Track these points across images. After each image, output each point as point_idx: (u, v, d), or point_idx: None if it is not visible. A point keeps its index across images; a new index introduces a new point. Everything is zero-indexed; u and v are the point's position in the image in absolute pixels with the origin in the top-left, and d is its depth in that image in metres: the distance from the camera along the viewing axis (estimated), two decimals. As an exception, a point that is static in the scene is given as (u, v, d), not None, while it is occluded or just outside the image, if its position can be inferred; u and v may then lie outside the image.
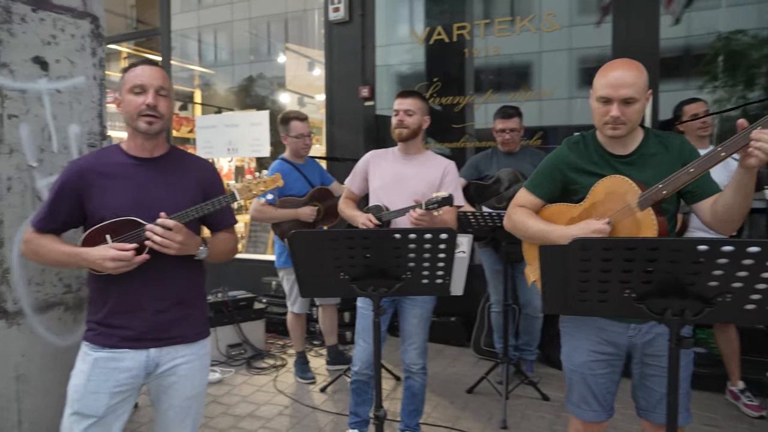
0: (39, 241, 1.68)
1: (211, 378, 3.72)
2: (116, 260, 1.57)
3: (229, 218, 1.90)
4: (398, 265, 1.75)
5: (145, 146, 1.71)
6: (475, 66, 4.56)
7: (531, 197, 1.94)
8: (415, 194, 2.60)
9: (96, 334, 1.69)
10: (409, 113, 2.61)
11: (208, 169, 1.86)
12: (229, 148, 5.68)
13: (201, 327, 1.83)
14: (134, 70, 1.68)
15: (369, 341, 2.63)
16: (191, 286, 1.80)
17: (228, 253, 1.87)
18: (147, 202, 1.66)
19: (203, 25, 7.05)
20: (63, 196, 1.67)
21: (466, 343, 4.35)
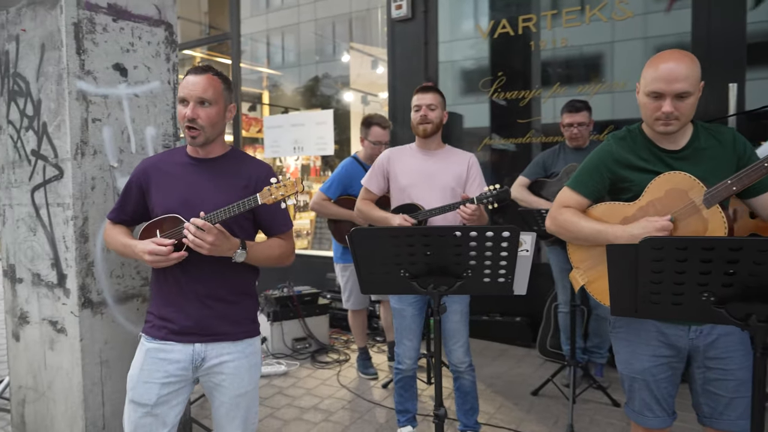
0: (110, 231, 1.83)
1: (277, 370, 3.84)
2: (153, 254, 1.64)
3: (281, 224, 1.87)
4: (459, 263, 1.73)
5: (198, 151, 1.78)
6: (541, 59, 4.42)
7: (576, 196, 1.84)
8: (444, 189, 2.56)
9: (150, 326, 1.78)
10: (432, 108, 2.57)
11: (263, 172, 1.82)
12: (295, 147, 5.83)
13: (247, 326, 1.84)
14: (184, 79, 1.73)
15: (413, 339, 2.64)
16: (235, 285, 1.81)
17: (275, 259, 1.85)
18: (193, 201, 1.71)
19: (271, 28, 7.25)
20: (131, 189, 1.79)
21: (531, 344, 4.24)
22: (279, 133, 5.96)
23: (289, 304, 4.26)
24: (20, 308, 2.35)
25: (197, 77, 1.70)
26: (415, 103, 2.59)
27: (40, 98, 2.14)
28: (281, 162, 7.91)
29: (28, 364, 2.33)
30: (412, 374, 2.71)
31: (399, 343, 2.67)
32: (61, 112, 2.06)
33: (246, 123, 7.30)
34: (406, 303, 2.59)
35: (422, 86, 2.64)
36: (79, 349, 2.10)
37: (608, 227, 1.72)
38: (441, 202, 2.52)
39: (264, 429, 3.02)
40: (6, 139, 2.34)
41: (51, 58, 2.07)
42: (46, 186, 2.17)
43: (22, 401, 2.40)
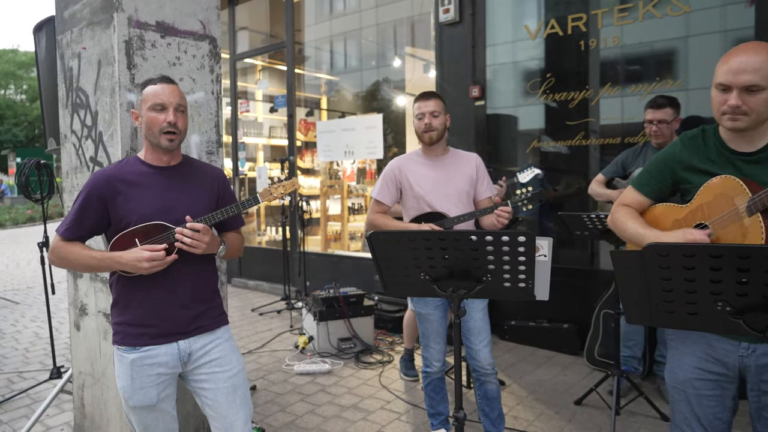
0: (67, 248, 1.78)
1: (321, 368, 3.95)
2: (151, 260, 1.70)
3: (239, 221, 2.02)
4: (478, 267, 1.74)
5: (162, 158, 1.85)
6: (592, 59, 4.30)
7: (638, 196, 1.81)
8: (459, 194, 2.57)
9: (124, 336, 1.82)
10: (435, 114, 2.55)
11: (220, 175, 1.98)
12: (345, 151, 5.96)
13: (219, 317, 1.95)
14: (153, 87, 1.79)
15: (440, 341, 2.63)
16: (208, 282, 1.93)
17: (237, 251, 2.01)
18: (169, 207, 1.80)
19: (330, 35, 7.45)
20: (90, 203, 1.77)
21: (579, 352, 4.13)
22: (331, 138, 6.11)
23: (335, 304, 4.37)
24: (80, 301, 2.56)
25: (170, 86, 1.81)
26: (418, 111, 2.58)
27: (97, 110, 2.34)
28: (338, 166, 8.10)
29: (87, 352, 2.55)
30: (441, 376, 2.72)
31: (426, 347, 2.67)
32: (113, 122, 2.24)
33: (304, 128, 7.52)
34: (432, 306, 2.60)
35: (423, 93, 2.61)
36: (128, 341, 2.27)
37: (647, 232, 1.68)
38: (457, 207, 2.54)
39: (304, 425, 3.13)
40: (70, 146, 2.57)
41: (106, 73, 2.26)
42: (102, 190, 2.37)
43: (81, 386, 2.62)
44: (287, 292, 5.91)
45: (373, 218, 2.71)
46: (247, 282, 7.15)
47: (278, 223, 7.90)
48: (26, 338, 5.18)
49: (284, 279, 6.01)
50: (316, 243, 7.03)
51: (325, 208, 7.13)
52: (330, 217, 7.26)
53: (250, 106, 8.30)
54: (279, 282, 6.37)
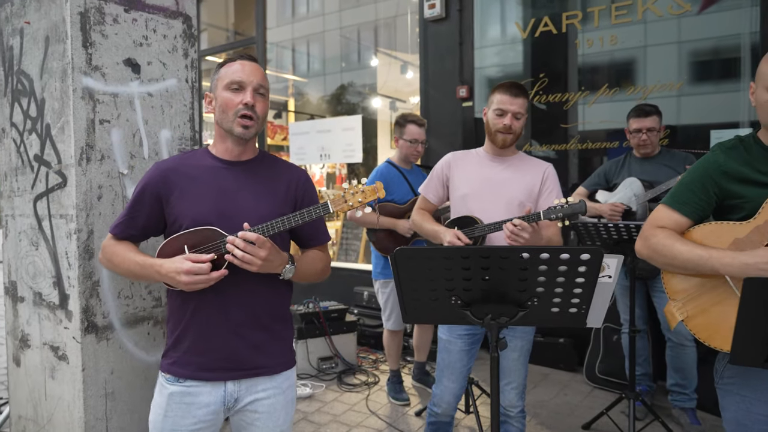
0: (115, 249, 1.54)
1: (302, 393, 3.57)
2: (191, 274, 1.39)
3: (322, 234, 1.68)
4: (524, 289, 1.43)
5: (234, 150, 1.55)
6: (587, 59, 4.09)
7: (674, 215, 1.54)
8: (510, 202, 2.18)
9: (171, 362, 1.52)
10: (518, 117, 2.17)
11: (302, 176, 1.65)
12: (321, 154, 5.60)
13: (285, 356, 1.61)
14: (233, 65, 1.51)
15: (455, 380, 2.25)
16: (275, 308, 1.58)
17: (318, 274, 1.66)
18: (230, 209, 1.48)
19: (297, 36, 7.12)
20: (144, 198, 1.52)
21: (577, 368, 3.89)
22: (305, 140, 5.74)
23: (315, 320, 4.00)
24: (21, 330, 2.12)
25: (251, 64, 1.52)
26: (499, 107, 2.16)
27: (43, 97, 1.92)
28: (306, 169, 7.73)
29: (28, 392, 2.10)
30: (449, 420, 2.34)
31: (438, 382, 2.29)
32: (65, 112, 1.83)
33: (271, 130, 7.14)
34: (455, 334, 2.22)
35: (510, 85, 2.16)
36: (81, 380, 1.85)
37: (714, 252, 1.40)
38: (502, 216, 2.13)
39: (287, 462, 2.75)
40: (9, 143, 2.13)
41: (55, 53, 1.85)
42: (49, 195, 1.94)
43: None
44: (258, 305, 5.48)
45: (413, 214, 2.42)
46: (212, 294, 6.66)
47: (245, 231, 7.47)
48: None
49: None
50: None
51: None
52: (300, 224, 6.87)
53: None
54: (248, 294, 5.92)
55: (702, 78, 3.69)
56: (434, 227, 2.28)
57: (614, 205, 3.03)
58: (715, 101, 3.63)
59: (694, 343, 2.93)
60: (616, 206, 3.02)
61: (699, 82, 3.69)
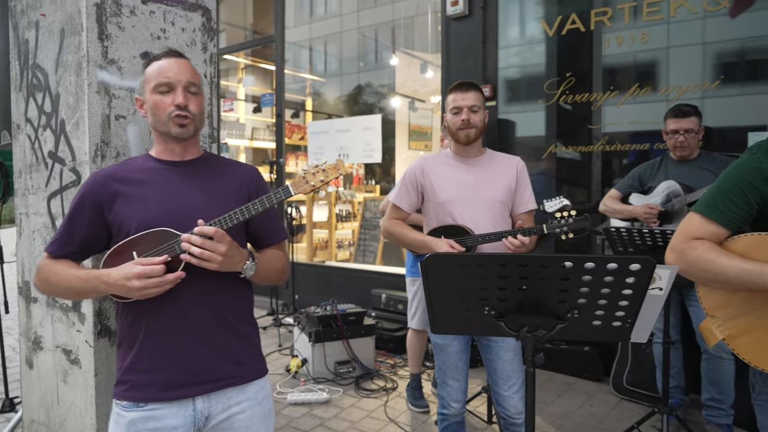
0: (51, 268, 1.39)
1: (319, 398, 3.49)
2: (143, 278, 1.26)
3: (279, 231, 1.58)
4: (564, 300, 1.33)
5: (176, 150, 1.46)
6: (617, 58, 3.95)
7: (710, 226, 1.41)
8: (491, 204, 2.17)
9: (126, 388, 1.37)
10: (474, 110, 2.18)
11: (253, 172, 1.56)
12: (340, 154, 5.52)
13: (255, 363, 1.49)
14: (157, 64, 1.41)
15: (459, 378, 2.23)
16: (240, 309, 1.47)
17: (277, 274, 1.55)
18: (180, 208, 1.37)
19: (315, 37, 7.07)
20: (82, 209, 1.39)
21: (603, 378, 3.75)
22: (324, 140, 5.66)
23: (333, 323, 3.91)
24: (34, 331, 2.06)
25: (177, 60, 1.42)
26: (454, 105, 2.20)
27: (58, 92, 1.86)
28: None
29: (41, 396, 2.04)
30: (460, 419, 2.29)
31: (443, 384, 2.25)
32: (80, 108, 1.76)
33: (289, 130, 7.10)
34: (450, 337, 2.19)
35: (460, 83, 2.22)
36: (93, 385, 1.78)
37: (765, 267, 1.28)
38: (487, 219, 2.16)
39: (304, 471, 2.67)
40: (24, 139, 2.08)
41: (70, 45, 1.79)
42: (63, 193, 1.88)
43: (35, 436, 2.12)
44: (274, 306, 5.42)
45: (388, 225, 2.32)
46: (228, 294, 6.61)
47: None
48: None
49: (270, 292, 5.52)
50: (300, 251, 6.57)
51: (311, 214, 6.67)
52: (316, 224, 6.82)
53: (233, 105, 7.82)
54: (264, 294, 5.87)
55: (737, 78, 3.53)
56: (420, 237, 2.21)
57: (649, 207, 2.89)
58: (751, 102, 3.46)
59: (732, 356, 2.77)
60: (651, 208, 2.88)
61: (734, 83, 3.53)
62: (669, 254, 1.48)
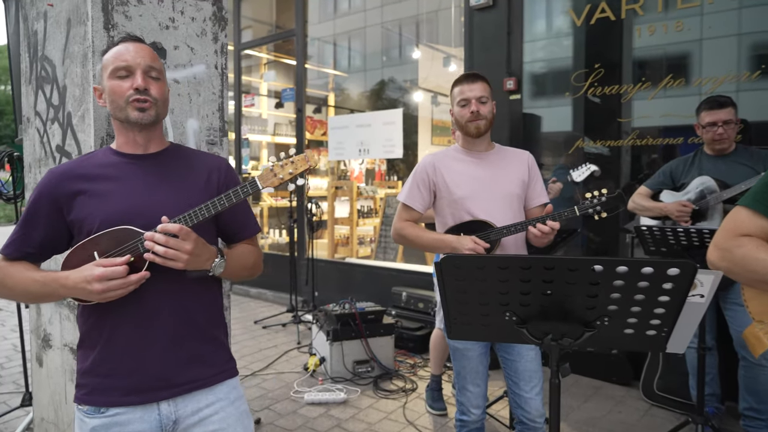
0: (7, 270, 1.30)
1: (336, 398, 3.42)
2: (104, 280, 1.19)
3: (251, 225, 1.50)
4: (593, 307, 1.22)
5: (138, 140, 1.36)
6: (649, 48, 3.77)
7: (761, 221, 1.28)
8: (508, 197, 2.10)
9: (87, 392, 1.30)
10: (483, 100, 2.11)
11: (222, 163, 1.47)
12: (360, 149, 5.43)
13: (224, 364, 1.43)
14: (114, 49, 1.34)
15: (480, 383, 2.14)
16: (207, 310, 1.40)
17: (249, 269, 1.47)
18: (144, 205, 1.29)
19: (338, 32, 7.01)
20: (39, 208, 1.31)
21: (632, 383, 3.59)
22: (344, 135, 5.59)
23: (351, 322, 3.84)
24: (43, 329, 2.03)
25: (135, 44, 1.34)
26: (461, 97, 2.13)
27: (65, 84, 1.81)
28: (345, 165, 7.61)
29: (50, 395, 2.01)
30: (480, 425, 2.19)
31: (462, 390, 2.16)
32: (85, 100, 1.71)
33: (311, 125, 7.05)
34: (470, 341, 2.10)
35: (466, 74, 2.17)
36: (99, 387, 1.73)
37: None
38: (506, 213, 2.09)
39: (319, 474, 2.60)
40: (33, 133, 2.04)
41: (76, 36, 1.73)
42: (70, 188, 1.83)
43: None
44: (294, 302, 5.38)
45: (401, 227, 2.22)
46: (248, 290, 6.61)
47: (283, 226, 7.38)
48: (3, 352, 4.64)
49: (290, 288, 5.48)
50: (322, 247, 6.52)
51: (333, 210, 6.61)
52: (337, 220, 6.76)
53: (255, 101, 7.80)
54: (284, 291, 5.84)
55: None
56: (439, 237, 2.12)
57: (682, 204, 2.73)
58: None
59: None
60: (684, 205, 2.72)
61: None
62: (712, 252, 1.35)
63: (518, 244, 2.14)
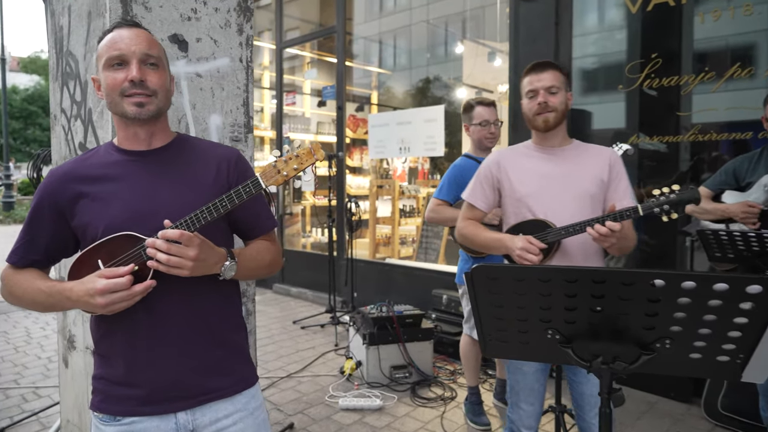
0: (15, 278, 1.26)
1: (372, 404, 3.30)
2: (107, 293, 1.11)
3: (265, 219, 1.39)
4: (652, 327, 1.04)
5: (140, 135, 1.26)
6: (711, 36, 3.46)
7: None
8: (581, 197, 1.87)
9: (102, 399, 1.25)
10: (552, 90, 1.90)
11: (232, 155, 1.35)
12: (401, 147, 5.30)
13: (244, 372, 1.34)
14: (108, 36, 1.24)
15: (534, 402, 1.96)
16: (226, 315, 1.31)
17: (266, 268, 1.36)
18: (148, 207, 1.20)
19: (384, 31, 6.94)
20: (42, 213, 1.24)
21: (692, 399, 3.30)
22: (384, 132, 5.46)
23: (388, 325, 3.71)
24: (69, 330, 2.00)
25: (130, 30, 1.22)
26: (529, 88, 1.94)
27: (86, 79, 1.76)
28: (388, 164, 7.50)
29: (75, 397, 1.98)
30: None
31: (514, 406, 1.99)
32: (104, 95, 1.64)
33: (353, 123, 6.97)
34: None
35: (536, 63, 1.97)
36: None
37: None
38: (574, 214, 1.85)
39: (350, 487, 2.48)
40: (59, 130, 2.01)
41: (96, 28, 1.67)
42: (91, 187, 1.78)
43: (71, 438, 2.06)
44: (332, 303, 5.30)
45: (462, 226, 2.08)
46: (289, 289, 6.60)
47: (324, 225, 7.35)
48: (52, 345, 4.77)
49: (329, 288, 5.41)
50: (363, 246, 6.42)
51: (374, 209, 6.51)
52: (379, 219, 6.65)
53: (297, 100, 7.80)
54: (323, 291, 5.77)
55: None
56: (495, 236, 1.95)
57: (748, 205, 2.46)
58: None
59: None
60: (751, 206, 2.45)
61: None
62: None
63: (588, 251, 1.90)
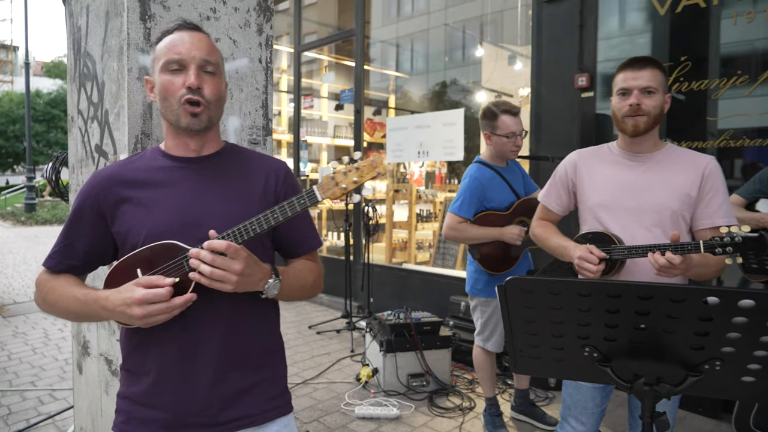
0: (51, 284, 1.20)
1: (389, 413, 3.23)
2: (144, 303, 1.05)
3: (311, 238, 1.33)
4: (701, 347, 0.96)
5: (190, 145, 1.22)
6: (743, 38, 3.35)
7: None
8: (659, 212, 1.69)
9: (125, 420, 1.18)
10: (649, 91, 1.69)
11: (281, 168, 1.30)
12: (419, 151, 5.23)
13: (277, 399, 1.26)
14: (168, 38, 1.20)
15: (586, 421, 1.82)
16: (264, 337, 1.25)
17: (309, 289, 1.29)
18: (194, 216, 1.14)
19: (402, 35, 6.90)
20: (83, 217, 1.19)
21: (721, 415, 3.18)
22: (402, 136, 5.40)
23: (406, 333, 3.63)
24: (83, 335, 1.97)
25: (191, 34, 1.18)
26: (622, 86, 1.74)
27: (103, 80, 1.72)
28: (405, 168, 7.44)
29: (88, 404, 1.94)
30: None
31: (563, 421, 1.89)
32: (121, 96, 1.61)
33: (370, 127, 6.93)
34: None
35: (634, 59, 1.76)
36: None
37: None
38: (649, 231, 1.69)
39: (366, 500, 2.41)
40: (76, 132, 1.98)
41: (114, 28, 1.64)
42: (107, 190, 1.75)
43: (85, 444, 2.02)
44: (348, 308, 5.24)
45: (534, 225, 2.01)
46: (305, 293, 6.55)
47: (340, 229, 7.30)
48: (69, 346, 4.78)
49: (346, 293, 5.35)
50: (379, 250, 6.36)
51: (391, 213, 6.44)
52: (396, 223, 6.59)
53: (315, 103, 7.78)
54: (339, 295, 5.72)
55: None
56: (561, 242, 1.82)
57: None
58: None
59: None
60: None
61: None
62: None
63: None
